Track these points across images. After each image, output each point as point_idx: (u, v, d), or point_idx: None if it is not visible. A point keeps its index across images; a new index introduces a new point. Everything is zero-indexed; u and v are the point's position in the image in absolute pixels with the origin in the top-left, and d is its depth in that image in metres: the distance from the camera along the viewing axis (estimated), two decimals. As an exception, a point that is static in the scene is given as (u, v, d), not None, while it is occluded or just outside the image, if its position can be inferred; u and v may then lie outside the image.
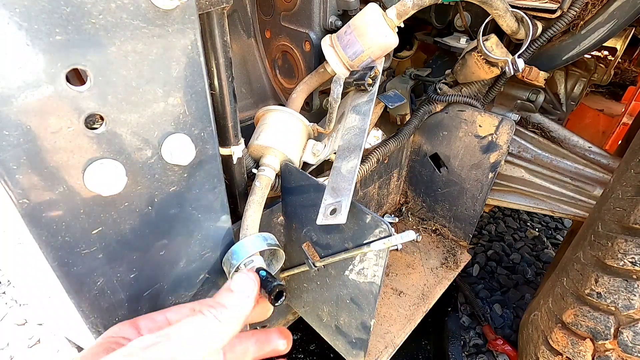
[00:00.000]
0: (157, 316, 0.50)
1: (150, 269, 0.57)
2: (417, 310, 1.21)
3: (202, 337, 0.41)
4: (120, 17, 0.40)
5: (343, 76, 0.85)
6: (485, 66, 1.03)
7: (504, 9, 0.92)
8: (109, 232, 0.49)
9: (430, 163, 1.34)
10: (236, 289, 0.47)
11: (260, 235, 0.65)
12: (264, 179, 0.75)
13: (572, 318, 0.92)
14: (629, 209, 0.83)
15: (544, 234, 2.24)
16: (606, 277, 0.85)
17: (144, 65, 0.44)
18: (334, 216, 0.63)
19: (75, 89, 0.39)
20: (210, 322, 0.42)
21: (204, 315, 0.42)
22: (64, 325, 0.74)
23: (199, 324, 0.41)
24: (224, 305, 0.44)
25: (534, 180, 1.26)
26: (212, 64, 0.60)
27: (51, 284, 0.49)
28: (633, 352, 0.81)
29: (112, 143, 0.44)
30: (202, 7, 0.53)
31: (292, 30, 0.95)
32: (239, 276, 0.49)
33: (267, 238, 0.65)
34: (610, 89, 2.36)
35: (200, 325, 0.41)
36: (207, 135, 0.54)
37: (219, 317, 0.43)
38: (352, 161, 0.70)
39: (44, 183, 0.41)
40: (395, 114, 1.29)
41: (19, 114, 0.37)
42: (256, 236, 0.64)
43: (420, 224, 1.50)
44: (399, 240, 0.62)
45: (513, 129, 1.08)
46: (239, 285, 0.47)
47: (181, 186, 0.54)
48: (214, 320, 0.42)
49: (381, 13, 0.81)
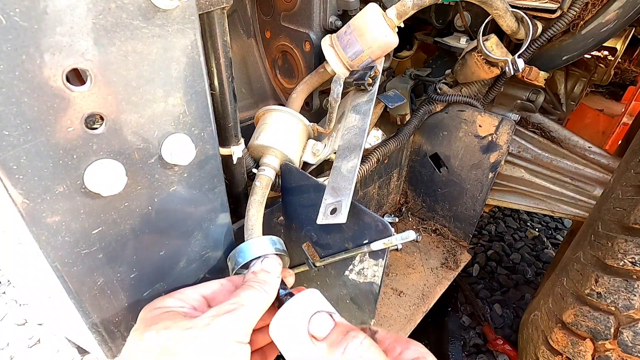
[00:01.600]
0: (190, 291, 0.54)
1: (150, 269, 0.57)
2: (417, 310, 1.21)
3: (258, 304, 0.50)
4: (120, 17, 0.40)
5: (343, 76, 0.85)
6: (485, 66, 1.03)
7: (504, 9, 0.92)
8: (109, 232, 0.49)
9: (430, 163, 1.34)
10: (270, 269, 0.55)
11: (270, 238, 0.64)
12: (264, 178, 0.75)
13: (572, 318, 0.92)
14: (629, 209, 0.83)
15: (544, 234, 2.24)
16: (606, 277, 0.85)
17: (144, 65, 0.44)
18: (334, 216, 0.63)
19: (76, 89, 0.39)
20: (259, 293, 0.51)
21: (255, 288, 0.51)
22: (64, 325, 0.74)
23: (254, 295, 0.50)
24: (267, 281, 0.53)
25: (534, 180, 1.26)
26: (212, 64, 0.60)
27: (51, 284, 0.49)
28: (633, 352, 0.81)
29: (112, 143, 0.44)
30: (202, 7, 0.53)
31: (292, 30, 0.95)
32: (269, 259, 0.57)
33: (275, 242, 0.64)
34: (610, 89, 2.36)
35: (255, 295, 0.50)
36: (207, 135, 0.54)
37: (265, 289, 0.52)
38: (352, 161, 0.70)
39: (44, 183, 0.41)
40: (396, 114, 1.29)
41: (19, 114, 0.37)
42: (267, 238, 0.63)
43: (420, 224, 1.50)
44: (398, 240, 0.62)
45: (513, 129, 1.09)
46: (271, 266, 0.56)
47: (181, 186, 0.54)
48: (263, 293, 0.51)
49: (381, 13, 0.81)
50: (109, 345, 0.58)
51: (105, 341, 0.57)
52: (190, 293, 0.53)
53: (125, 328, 0.58)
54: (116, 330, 0.57)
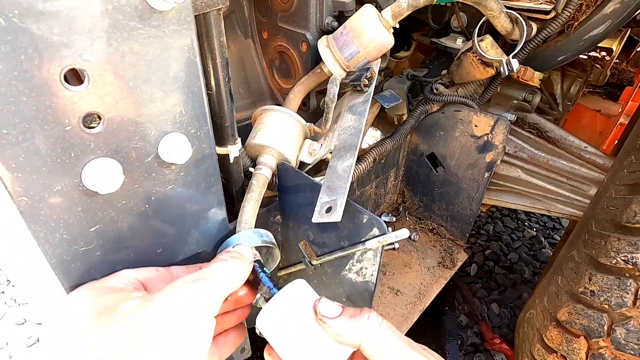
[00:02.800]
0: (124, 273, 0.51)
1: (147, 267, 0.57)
2: (413, 309, 1.22)
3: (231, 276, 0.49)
4: (117, 19, 0.40)
5: (339, 77, 0.86)
6: (480, 66, 1.03)
7: (498, 10, 0.93)
8: (107, 229, 0.50)
9: (427, 163, 1.35)
10: (242, 251, 0.54)
11: (257, 230, 0.65)
12: (260, 177, 0.76)
13: (567, 316, 0.93)
14: (621, 208, 0.84)
15: (542, 233, 2.25)
16: (599, 275, 0.86)
17: (141, 65, 0.44)
18: (330, 214, 0.64)
19: (73, 89, 0.40)
20: (233, 266, 0.50)
21: (227, 261, 0.50)
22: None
23: (227, 266, 0.50)
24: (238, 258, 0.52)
25: (530, 180, 1.27)
26: (208, 64, 0.61)
27: (50, 282, 0.49)
28: (626, 349, 0.81)
29: (110, 142, 0.45)
30: (198, 9, 0.53)
31: (289, 30, 0.96)
32: (241, 245, 0.56)
33: (262, 234, 0.65)
34: (607, 90, 2.37)
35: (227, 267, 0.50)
36: (203, 134, 0.55)
37: (236, 264, 0.51)
38: (348, 160, 0.70)
39: (42, 181, 0.41)
40: (393, 114, 1.30)
41: (17, 113, 0.37)
42: (252, 231, 0.64)
43: (418, 223, 1.51)
44: (393, 238, 0.63)
45: (508, 129, 1.09)
46: (242, 249, 0.55)
47: (178, 185, 0.55)
48: (234, 266, 0.50)
49: (377, 14, 0.82)
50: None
51: (103, 338, 0.57)
52: (127, 275, 0.50)
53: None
54: (114, 327, 0.58)
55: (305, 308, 0.49)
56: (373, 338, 0.45)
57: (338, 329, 0.46)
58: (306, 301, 0.50)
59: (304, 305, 0.49)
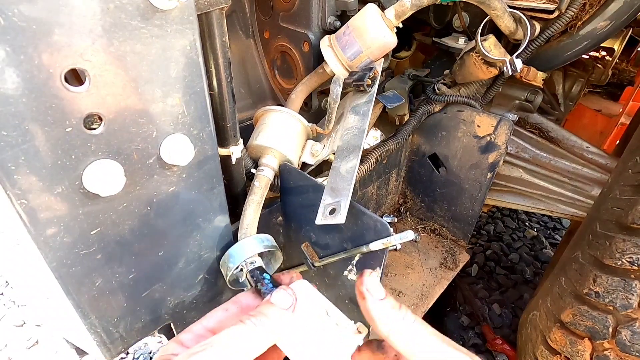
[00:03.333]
0: (195, 327, 0.49)
1: (148, 270, 0.57)
2: (416, 310, 1.21)
3: (242, 343, 0.42)
4: (119, 18, 0.40)
5: (342, 77, 0.85)
6: (483, 66, 1.03)
7: (502, 9, 0.92)
8: (108, 232, 0.49)
9: (429, 163, 1.34)
10: (276, 301, 0.47)
11: (257, 237, 0.64)
12: (262, 178, 0.75)
13: (571, 317, 0.92)
14: (626, 209, 0.84)
15: (543, 233, 2.25)
16: (604, 276, 0.85)
17: (143, 65, 0.44)
18: (333, 216, 0.63)
19: (74, 90, 0.39)
20: (249, 329, 0.43)
21: (244, 323, 0.43)
22: (63, 326, 0.73)
23: (239, 332, 0.42)
24: (265, 314, 0.45)
25: (533, 180, 1.26)
26: (210, 64, 0.60)
27: (49, 284, 0.49)
28: (631, 351, 0.81)
29: (111, 143, 0.44)
30: (201, 8, 0.53)
31: (290, 30, 0.95)
32: (278, 291, 0.49)
33: (263, 240, 0.65)
34: (608, 89, 2.36)
35: (240, 332, 0.42)
36: (205, 135, 0.54)
37: (257, 324, 0.43)
38: (351, 161, 0.70)
39: (43, 183, 0.41)
40: (394, 114, 1.29)
41: (17, 114, 0.37)
42: (253, 238, 0.64)
43: (419, 224, 1.50)
44: (397, 240, 0.62)
45: (511, 129, 1.09)
46: (279, 298, 0.48)
47: (180, 186, 0.54)
48: (253, 327, 0.43)
49: (380, 13, 0.81)
50: (108, 346, 0.58)
51: (104, 342, 0.57)
52: (195, 329, 0.48)
53: (124, 329, 0.58)
54: (115, 331, 0.57)
55: (308, 308, 0.49)
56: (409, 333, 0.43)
57: (377, 312, 0.44)
58: (309, 301, 0.50)
59: (307, 305, 0.49)
